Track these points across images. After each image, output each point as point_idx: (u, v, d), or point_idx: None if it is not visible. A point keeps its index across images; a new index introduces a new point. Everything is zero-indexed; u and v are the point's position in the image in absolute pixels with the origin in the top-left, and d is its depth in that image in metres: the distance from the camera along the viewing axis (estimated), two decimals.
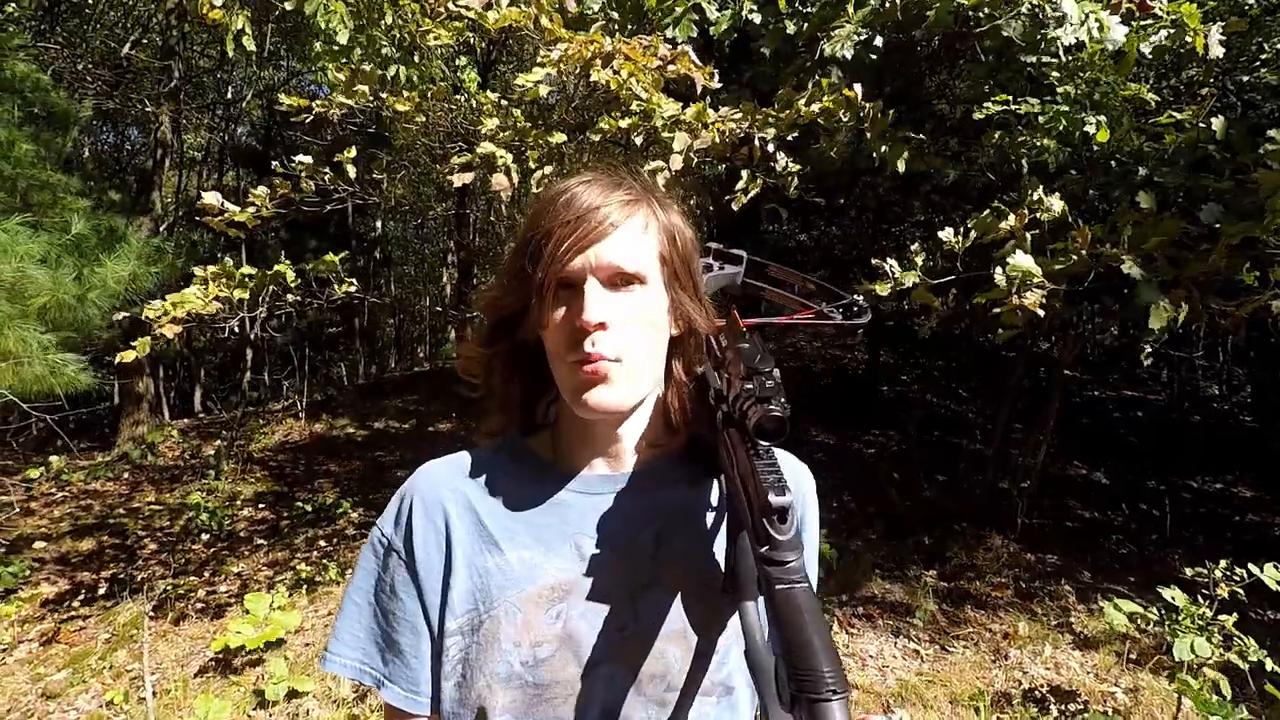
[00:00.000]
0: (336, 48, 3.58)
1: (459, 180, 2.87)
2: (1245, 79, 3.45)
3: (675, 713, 0.73)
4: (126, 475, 6.46)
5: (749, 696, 0.78)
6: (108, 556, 4.85)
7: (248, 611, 3.51)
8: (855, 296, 0.95)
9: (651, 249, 0.72)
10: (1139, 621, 3.01)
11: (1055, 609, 3.97)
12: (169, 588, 4.23)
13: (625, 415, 0.76)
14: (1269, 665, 2.75)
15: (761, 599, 0.58)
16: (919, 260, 2.57)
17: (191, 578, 4.42)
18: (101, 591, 4.37)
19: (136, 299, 5.14)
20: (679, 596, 0.73)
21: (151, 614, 3.91)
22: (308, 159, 3.24)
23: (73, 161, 6.93)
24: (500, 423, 0.83)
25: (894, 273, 2.81)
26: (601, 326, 0.68)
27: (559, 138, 2.96)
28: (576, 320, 0.68)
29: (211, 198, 3.00)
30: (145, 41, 10.01)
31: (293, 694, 3.12)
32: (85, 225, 5.17)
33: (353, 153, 3.20)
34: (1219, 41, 2.09)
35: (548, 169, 2.92)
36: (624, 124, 2.80)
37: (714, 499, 0.79)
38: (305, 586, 4.12)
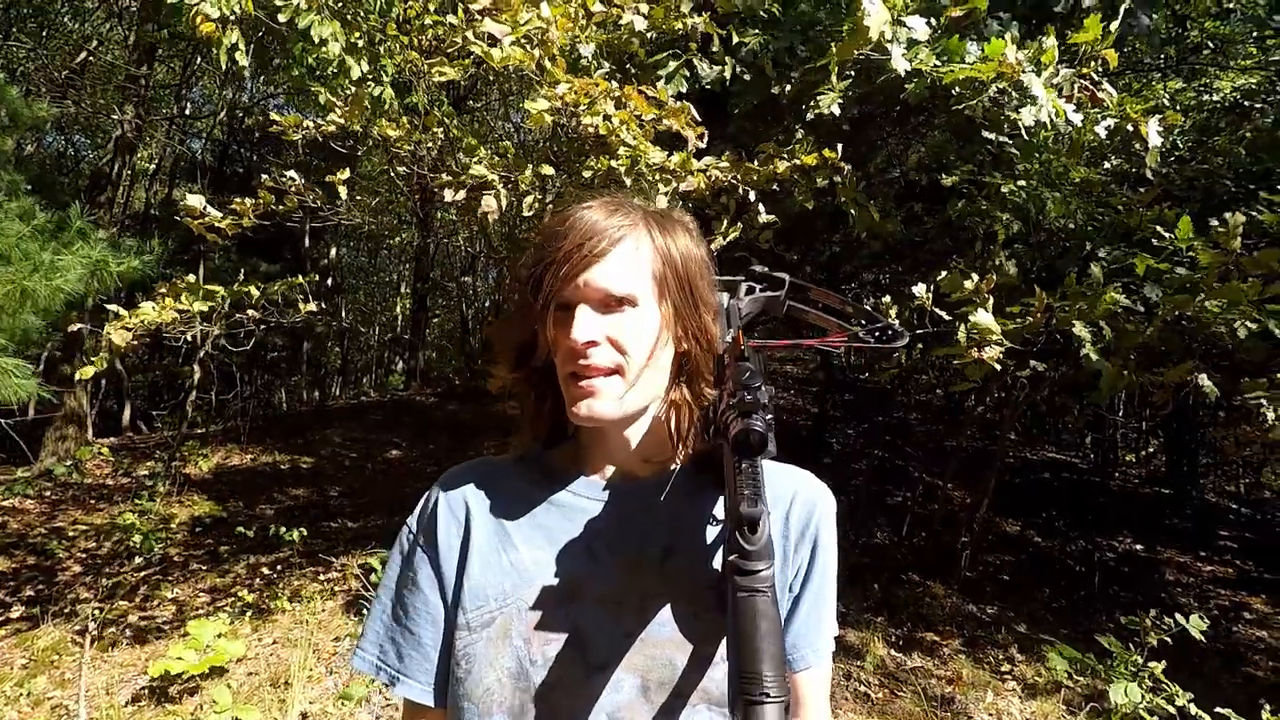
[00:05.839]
0: (332, 73, 3.64)
1: (450, 196, 2.91)
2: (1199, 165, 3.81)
3: None
4: (49, 493, 6.07)
5: None
6: (26, 576, 4.53)
7: (188, 635, 3.35)
8: (892, 321, 0.99)
9: (642, 270, 0.75)
10: (1077, 668, 3.18)
11: (996, 658, 4.11)
12: (96, 612, 3.98)
13: (622, 425, 0.79)
14: (1193, 710, 2.93)
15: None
16: (892, 313, 2.75)
17: (122, 602, 4.17)
18: (18, 614, 4.08)
19: (83, 308, 4.94)
20: (686, 607, 0.74)
21: (77, 639, 3.67)
22: (295, 175, 3.25)
23: (18, 163, 6.66)
24: (527, 439, 0.87)
25: None
26: (591, 344, 0.72)
27: (547, 170, 3.06)
28: (567, 341, 0.72)
29: (195, 200, 3.00)
30: (105, 45, 9.79)
31: None
32: (30, 224, 4.95)
33: (346, 174, 3.23)
34: (1157, 131, 2.36)
35: (537, 195, 3.01)
36: (613, 164, 2.91)
37: (719, 512, 0.81)
38: (250, 614, 3.94)
